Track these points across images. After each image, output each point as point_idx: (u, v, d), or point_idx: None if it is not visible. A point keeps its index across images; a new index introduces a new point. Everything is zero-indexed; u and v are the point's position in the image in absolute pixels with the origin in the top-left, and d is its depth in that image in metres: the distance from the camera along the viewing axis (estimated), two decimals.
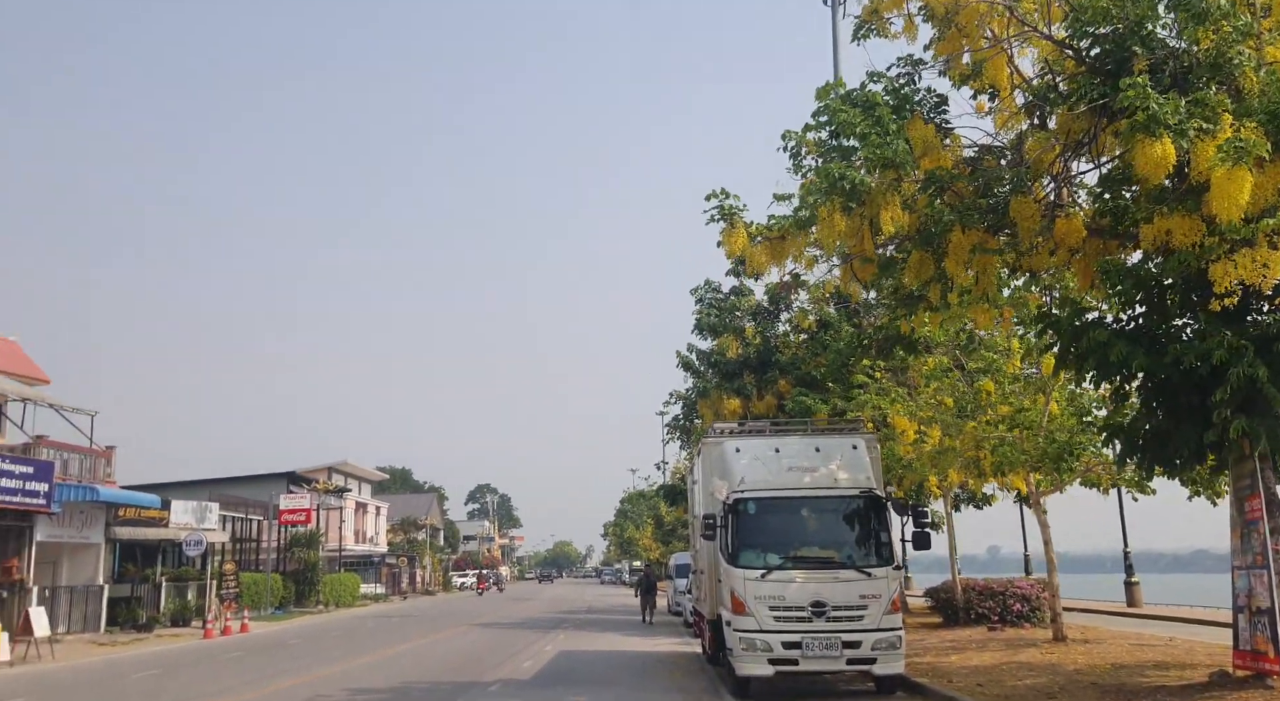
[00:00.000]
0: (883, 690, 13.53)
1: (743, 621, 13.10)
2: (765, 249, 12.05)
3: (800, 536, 13.74)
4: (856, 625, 12.91)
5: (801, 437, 15.14)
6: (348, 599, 50.59)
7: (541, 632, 27.43)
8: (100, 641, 27.05)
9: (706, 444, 15.65)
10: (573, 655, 20.37)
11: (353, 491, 66.11)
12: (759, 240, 12.11)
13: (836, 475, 13.84)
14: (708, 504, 15.16)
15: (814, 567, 13.27)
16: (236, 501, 43.68)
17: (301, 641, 25.62)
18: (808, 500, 13.74)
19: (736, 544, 13.47)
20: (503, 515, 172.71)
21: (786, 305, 29.25)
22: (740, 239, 11.88)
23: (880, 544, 13.46)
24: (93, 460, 32.21)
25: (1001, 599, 21.80)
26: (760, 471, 14.00)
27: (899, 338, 14.56)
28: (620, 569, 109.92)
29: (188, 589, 35.17)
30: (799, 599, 12.98)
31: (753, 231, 12.11)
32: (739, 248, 11.86)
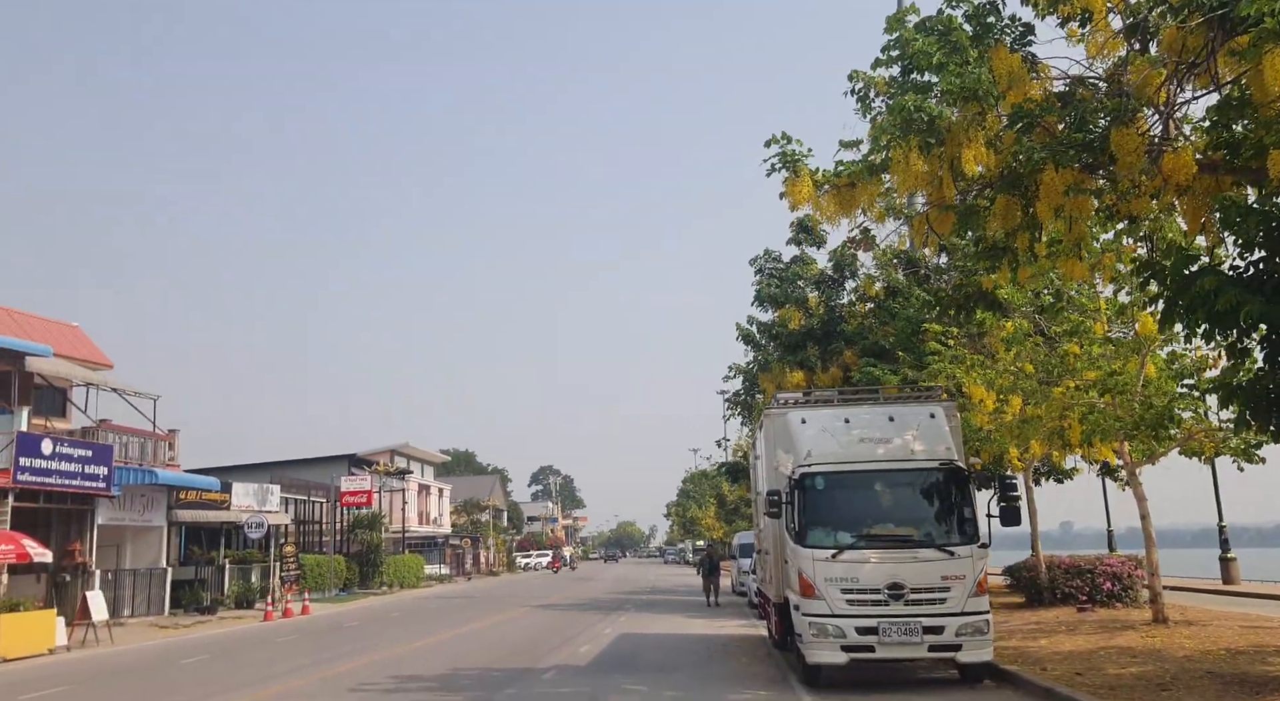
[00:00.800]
0: (968, 679, 12.41)
1: (812, 605, 12.08)
2: (833, 198, 10.89)
3: (874, 513, 12.64)
4: (938, 609, 11.81)
5: (873, 407, 13.99)
6: (411, 580, 50.62)
7: (603, 614, 26.69)
8: (163, 624, 27.04)
9: (769, 416, 14.58)
10: (633, 638, 19.54)
11: (414, 473, 66.31)
12: (826, 189, 10.95)
13: (912, 446, 12.68)
14: (771, 480, 14.12)
15: (890, 546, 12.17)
16: (298, 484, 43.80)
17: (359, 624, 25.23)
18: (881, 473, 12.61)
19: (804, 522, 12.42)
20: (566, 496, 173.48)
21: (852, 272, 27.91)
22: (805, 188, 10.74)
23: (963, 520, 12.30)
24: (153, 443, 32.25)
25: (1090, 577, 20.40)
26: (829, 443, 12.91)
27: (980, 295, 13.29)
28: (683, 548, 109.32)
29: (251, 571, 35.22)
30: (874, 580, 11.91)
31: (819, 179, 10.95)
32: (804, 198, 10.73)
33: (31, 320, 34.51)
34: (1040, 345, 18.71)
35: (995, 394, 18.14)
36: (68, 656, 18.83)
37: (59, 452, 25.58)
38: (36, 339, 30.56)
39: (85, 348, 37.34)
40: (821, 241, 29.63)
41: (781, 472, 12.86)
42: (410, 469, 64.00)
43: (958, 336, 22.48)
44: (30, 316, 34.94)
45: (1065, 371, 16.42)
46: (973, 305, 13.49)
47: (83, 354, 36.17)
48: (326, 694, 12.50)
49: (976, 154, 10.58)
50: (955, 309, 13.51)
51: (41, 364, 29.12)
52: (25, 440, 24.51)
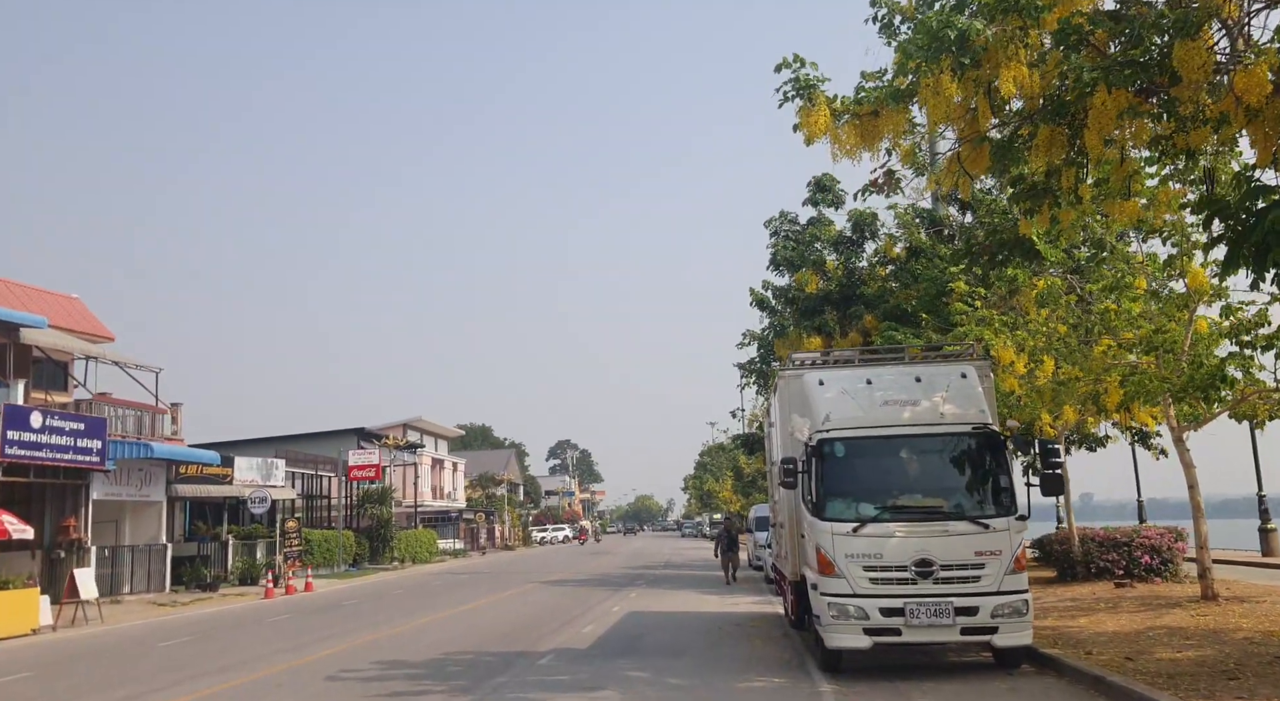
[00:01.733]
0: (1004, 664, 11.27)
1: (832, 584, 10.95)
2: (854, 129, 9.63)
3: (899, 482, 11.46)
4: (972, 588, 10.66)
5: (898, 366, 12.77)
6: (424, 555, 49.95)
7: (612, 591, 25.70)
8: (160, 602, 26.30)
9: (784, 378, 13.39)
10: (641, 617, 18.51)
11: (426, 447, 65.55)
12: (846, 119, 9.69)
13: (942, 408, 11.47)
14: (786, 447, 12.96)
15: (917, 519, 11.00)
16: (306, 458, 43.04)
17: (359, 601, 24.36)
18: (907, 438, 11.42)
19: (822, 492, 11.27)
20: (583, 470, 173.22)
21: (872, 233, 26.51)
22: (822, 118, 9.49)
23: (999, 489, 11.12)
24: (150, 417, 31.43)
25: (1126, 550, 19.19)
26: (849, 406, 11.72)
27: (1016, 242, 12.01)
28: (700, 522, 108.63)
29: (257, 547, 34.49)
30: (900, 556, 10.77)
31: (837, 107, 9.69)
32: (821, 129, 9.48)
33: (30, 292, 33.68)
34: (1074, 304, 17.45)
35: (1026, 356, 16.90)
36: (50, 637, 18.00)
37: (49, 426, 24.73)
38: (35, 310, 29.71)
39: (86, 320, 36.53)
40: (839, 201, 28.26)
41: (797, 439, 11.69)
42: (422, 443, 63.23)
43: (985, 297, 21.21)
44: (29, 288, 34.10)
45: (1105, 329, 15.15)
46: (1008, 254, 12.20)
47: (84, 326, 35.36)
48: (296, 683, 11.49)
49: (1017, 75, 9.31)
50: (988, 258, 12.22)
51: (37, 335, 28.24)
52: (13, 413, 23.65)
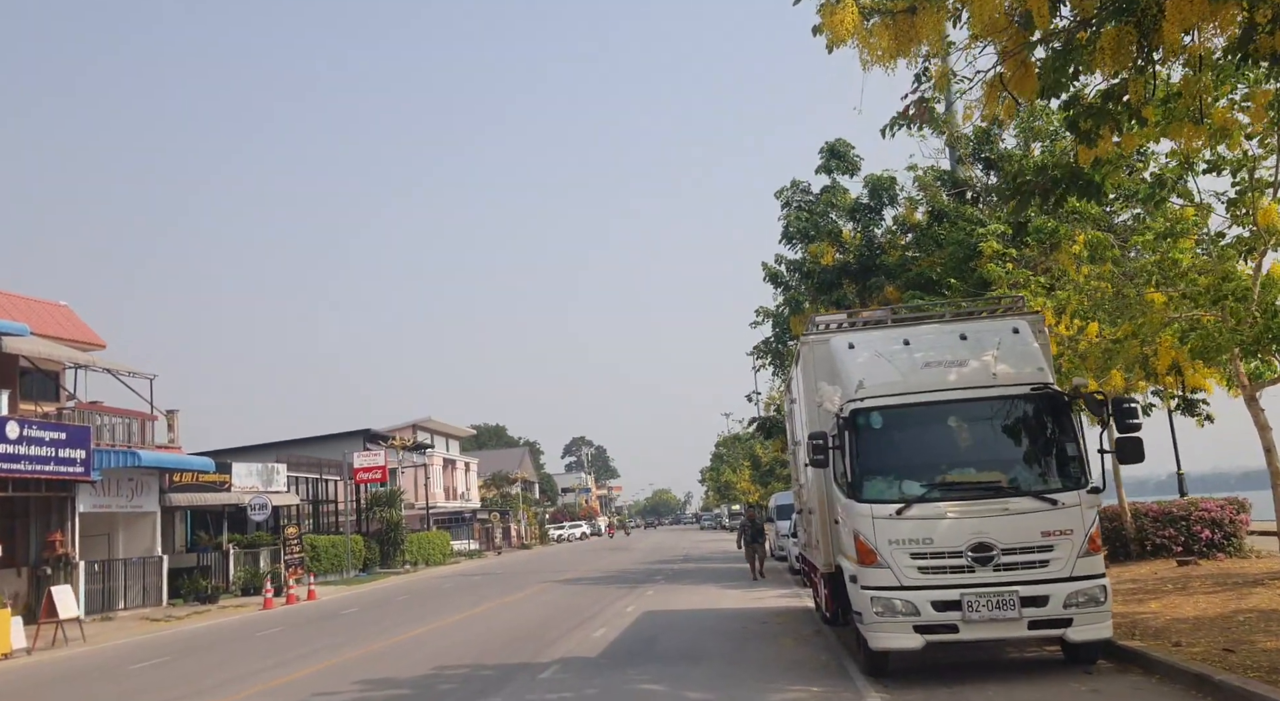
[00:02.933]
0: (1078, 659, 9.72)
1: (874, 575, 9.42)
2: (886, 29, 8.05)
3: (948, 454, 9.90)
4: (1039, 573, 9.12)
5: (939, 324, 11.21)
6: (438, 557, 48.64)
7: (628, 588, 24.21)
8: (154, 617, 24.99)
9: (807, 343, 11.82)
10: (658, 617, 17.01)
11: (436, 448, 64.24)
12: (876, 19, 8.13)
13: (994, 368, 9.90)
14: (814, 422, 11.42)
15: (972, 496, 9.44)
16: (310, 462, 41.71)
17: (361, 609, 22.93)
18: (956, 404, 9.84)
19: (859, 471, 9.73)
20: (599, 466, 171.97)
21: (891, 198, 24.89)
22: (849, 17, 7.92)
23: (1066, 458, 9.56)
24: (140, 424, 30.11)
25: (1185, 525, 17.63)
26: (885, 370, 10.17)
27: (1073, 176, 10.39)
28: (719, 513, 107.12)
29: (260, 555, 33.15)
30: (953, 540, 9.23)
31: (867, 4, 8.12)
32: (847, 29, 7.92)
33: (16, 300, 32.40)
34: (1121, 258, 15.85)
35: (1068, 317, 15.32)
36: (21, 662, 16.63)
37: (28, 436, 23.39)
38: (22, 319, 28.42)
39: (76, 328, 35.29)
40: (855, 168, 26.62)
41: (827, 411, 10.13)
42: (431, 443, 61.93)
43: (1018, 257, 19.61)
44: (14, 296, 32.83)
45: (1163, 279, 13.52)
46: (1064, 190, 10.57)
47: (73, 334, 34.11)
48: None
49: None
50: (1040, 196, 10.59)
51: (19, 344, 26.93)
52: None
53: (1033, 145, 22.81)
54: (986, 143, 23.70)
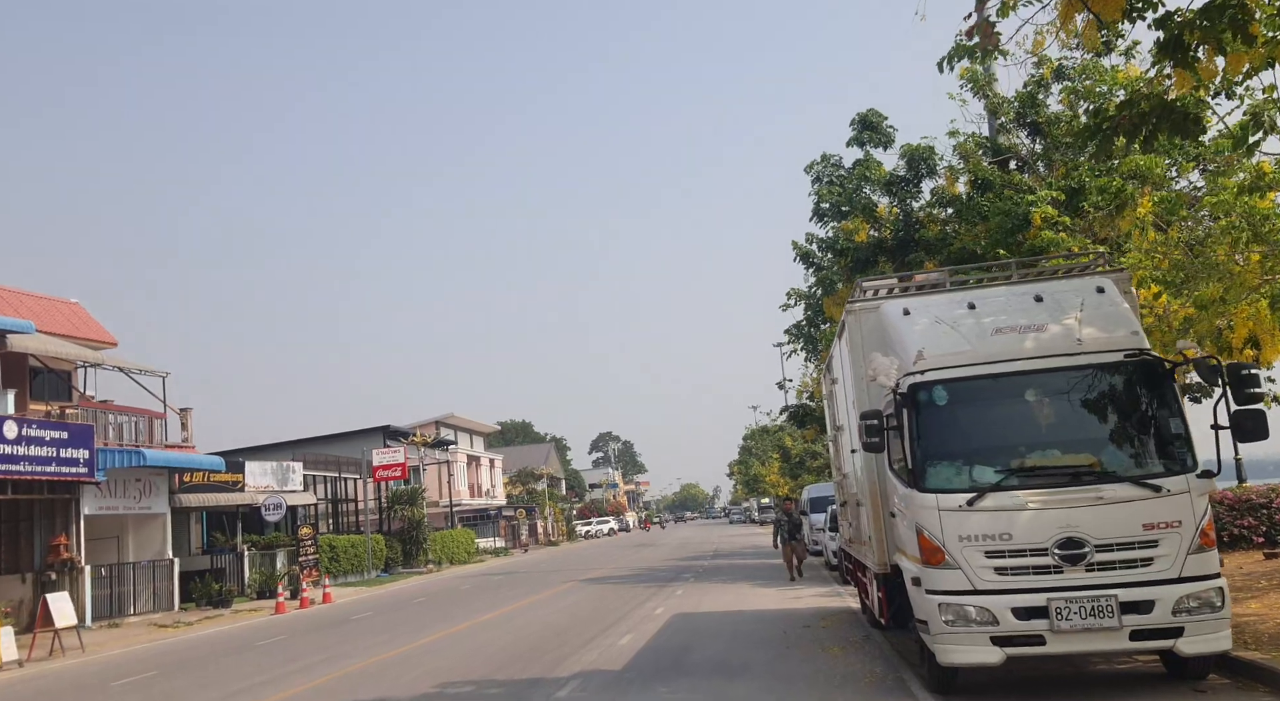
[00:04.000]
0: (1184, 674, 8.26)
1: (942, 577, 8.00)
2: None
3: (1027, 434, 8.43)
4: (1142, 574, 7.66)
5: (1009, 286, 9.75)
6: (462, 555, 47.57)
7: (657, 588, 22.86)
8: (163, 623, 23.92)
9: (854, 312, 10.38)
10: (689, 621, 15.63)
11: (459, 445, 63.23)
12: None
13: (1079, 332, 8.42)
14: (863, 401, 9.99)
15: (1058, 483, 7.99)
16: (328, 461, 40.69)
17: (374, 613, 21.71)
18: (1035, 375, 8.37)
19: (921, 455, 8.30)
20: (626, 461, 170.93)
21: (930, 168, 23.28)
22: None
23: (1169, 437, 8.08)
24: (148, 422, 29.11)
25: (1265, 514, 16.07)
26: (949, 338, 8.73)
27: (1166, 110, 8.87)
28: (748, 507, 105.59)
29: (277, 556, 32.11)
30: (1037, 536, 7.79)
31: None
32: None
33: (26, 298, 31.54)
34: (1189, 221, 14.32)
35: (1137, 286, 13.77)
36: (10, 676, 15.50)
37: (27, 436, 22.39)
38: (31, 317, 27.48)
39: (87, 325, 34.43)
40: (889, 140, 24.97)
41: (882, 385, 8.69)
42: (453, 439, 60.88)
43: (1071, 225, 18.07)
44: (25, 294, 31.97)
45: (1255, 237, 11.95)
46: (1155, 125, 9.05)
47: (84, 332, 33.24)
48: None
49: None
50: (1127, 135, 9.07)
51: (28, 342, 25.94)
52: None
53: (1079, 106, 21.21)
54: (1032, 106, 22.09)
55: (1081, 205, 18.40)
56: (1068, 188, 18.93)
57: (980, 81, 21.79)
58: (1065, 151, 20.82)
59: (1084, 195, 18.32)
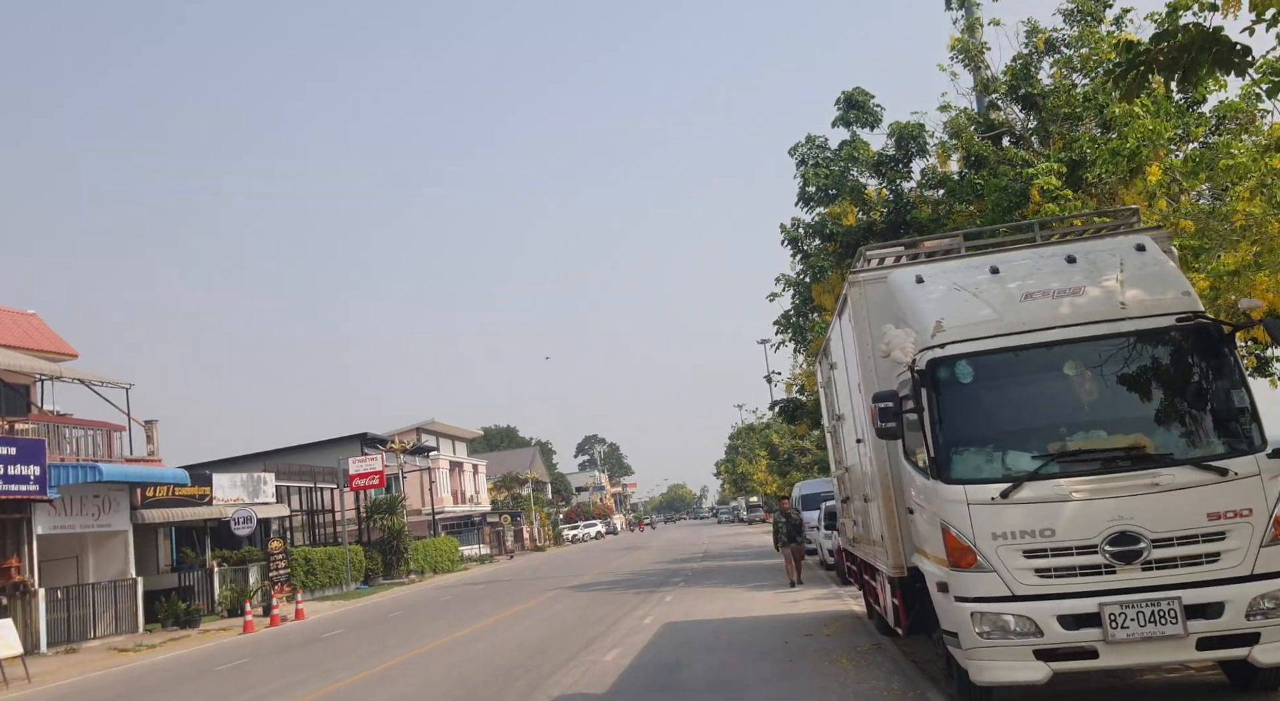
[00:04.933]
0: (1254, 685, 7.16)
1: (974, 582, 6.88)
2: None
3: (1068, 413, 7.30)
4: (1208, 572, 6.57)
5: (1034, 248, 8.64)
6: (446, 564, 46.25)
7: (645, 594, 21.69)
8: (124, 646, 22.56)
9: (857, 284, 9.21)
10: (680, 630, 14.47)
11: (441, 451, 61.87)
12: None
13: (1122, 295, 7.32)
14: (870, 382, 8.84)
15: (1106, 469, 6.88)
16: (302, 471, 39.30)
17: (346, 630, 20.43)
18: (1074, 345, 7.25)
19: (944, 440, 7.17)
20: (612, 464, 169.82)
21: (920, 148, 22.23)
22: None
23: (1232, 411, 6.98)
24: (106, 436, 27.69)
25: None
26: (971, 306, 7.61)
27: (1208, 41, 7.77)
28: (736, 506, 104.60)
29: (249, 572, 30.75)
30: (1084, 531, 6.68)
31: None
32: None
33: None
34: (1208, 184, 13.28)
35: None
36: None
37: None
38: None
39: (45, 337, 33.01)
40: (876, 120, 23.89)
41: (897, 361, 7.53)
42: (434, 446, 59.50)
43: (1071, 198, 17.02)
44: None
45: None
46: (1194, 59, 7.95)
47: (42, 344, 31.82)
48: None
49: None
50: (1165, 71, 7.96)
51: None
52: None
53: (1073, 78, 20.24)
54: (1025, 79, 21.06)
55: (1084, 178, 17.39)
56: (1068, 160, 17.92)
57: (972, 51, 20.78)
58: (1063, 123, 19.83)
59: (1086, 167, 17.32)
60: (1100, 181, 16.73)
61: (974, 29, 20.95)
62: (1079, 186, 17.68)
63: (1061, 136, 19.70)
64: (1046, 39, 21.08)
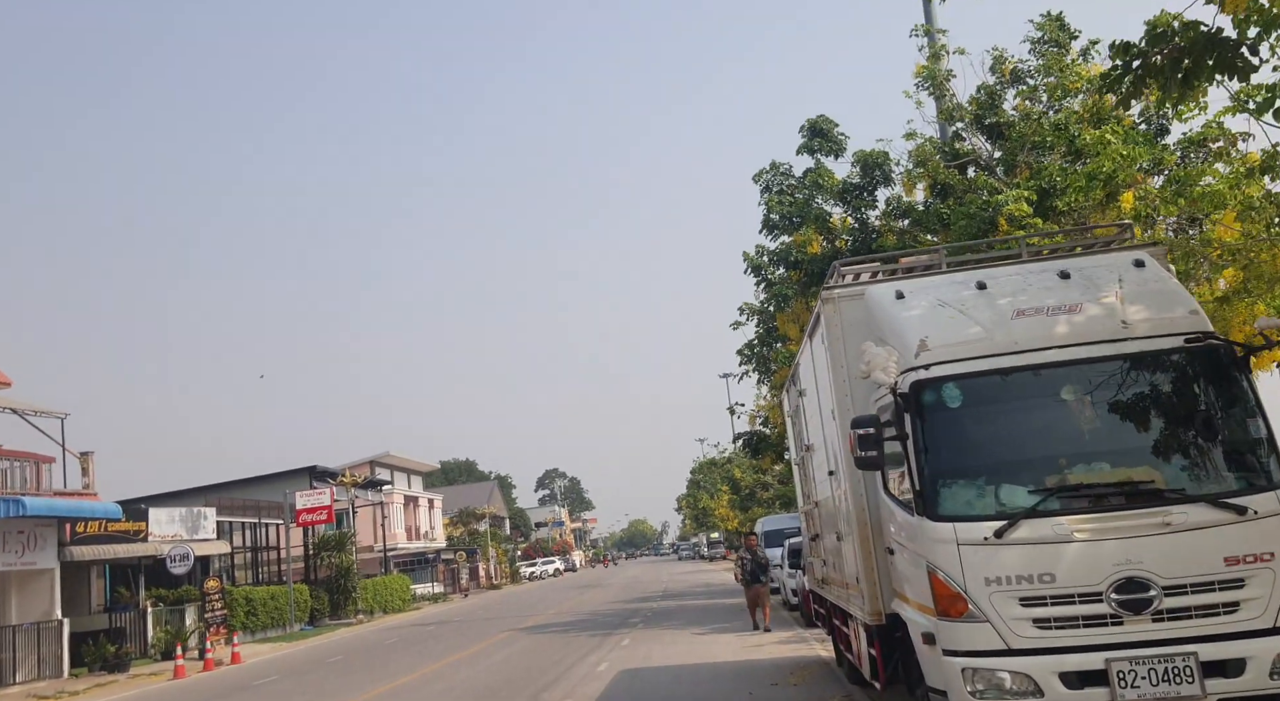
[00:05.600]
0: None
1: (964, 633, 6.09)
2: None
3: (1067, 442, 6.57)
4: (1226, 623, 5.85)
5: (1022, 264, 7.96)
6: (397, 603, 44.66)
7: (601, 636, 20.65)
8: (44, 693, 21.06)
9: (831, 301, 8.43)
10: (637, 680, 13.52)
11: (396, 485, 60.27)
12: None
13: (1123, 313, 6.65)
14: (844, 407, 8.06)
15: (1111, 506, 6.15)
16: (246, 506, 37.71)
17: (279, 677, 19.16)
18: (1073, 366, 6.54)
19: (931, 472, 6.41)
20: (573, 498, 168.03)
21: (884, 176, 21.79)
22: None
23: (1249, 442, 6.29)
24: (34, 467, 26.22)
25: None
26: (958, 323, 6.89)
27: (1209, 43, 7.19)
28: (697, 542, 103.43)
29: (185, 612, 29.19)
30: (1088, 576, 5.94)
31: None
32: None
33: None
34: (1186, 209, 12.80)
35: None
36: None
37: None
38: None
39: None
40: (840, 149, 23.49)
41: (878, 381, 6.76)
42: (388, 479, 57.92)
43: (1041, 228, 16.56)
44: None
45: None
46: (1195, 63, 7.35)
47: None
48: None
49: None
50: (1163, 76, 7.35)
51: None
52: None
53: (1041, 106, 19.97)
54: (991, 108, 20.75)
55: (1054, 205, 16.98)
56: (1037, 187, 17.53)
57: (938, 78, 20.44)
58: (1030, 152, 19.50)
59: (1056, 194, 16.92)
60: (1072, 209, 16.29)
61: (939, 57, 20.66)
62: (1049, 215, 17.28)
63: (1029, 165, 19.37)
64: (1012, 69, 20.86)
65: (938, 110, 21.41)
